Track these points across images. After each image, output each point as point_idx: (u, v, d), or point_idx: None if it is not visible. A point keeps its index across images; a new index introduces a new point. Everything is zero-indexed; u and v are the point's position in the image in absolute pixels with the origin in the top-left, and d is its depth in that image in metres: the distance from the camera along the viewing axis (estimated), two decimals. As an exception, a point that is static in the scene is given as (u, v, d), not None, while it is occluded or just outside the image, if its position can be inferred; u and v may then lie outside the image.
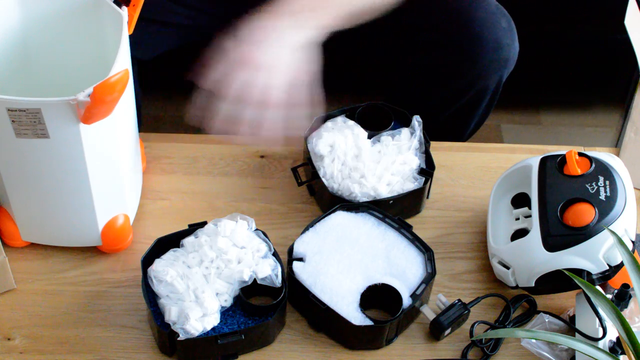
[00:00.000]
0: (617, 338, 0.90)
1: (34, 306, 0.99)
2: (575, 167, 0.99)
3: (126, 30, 0.93)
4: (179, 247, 0.98)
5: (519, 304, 1.00)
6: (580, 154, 1.00)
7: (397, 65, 1.33)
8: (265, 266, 0.94)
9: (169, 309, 0.91)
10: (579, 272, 0.93)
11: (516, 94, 1.56)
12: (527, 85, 1.76)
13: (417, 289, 0.96)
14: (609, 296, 0.93)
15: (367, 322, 0.93)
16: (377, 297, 0.96)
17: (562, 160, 1.01)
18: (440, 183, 1.14)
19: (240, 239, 0.96)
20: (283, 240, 1.03)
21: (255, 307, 0.93)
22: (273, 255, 0.97)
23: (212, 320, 0.91)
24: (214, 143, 1.18)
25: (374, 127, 1.12)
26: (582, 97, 1.95)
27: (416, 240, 1.00)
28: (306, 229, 1.01)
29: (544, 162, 1.02)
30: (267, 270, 0.94)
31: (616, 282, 0.96)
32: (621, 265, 0.94)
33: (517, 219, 1.04)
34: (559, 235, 0.94)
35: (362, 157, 1.08)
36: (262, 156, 1.17)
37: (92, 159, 0.92)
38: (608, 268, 0.93)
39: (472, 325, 0.95)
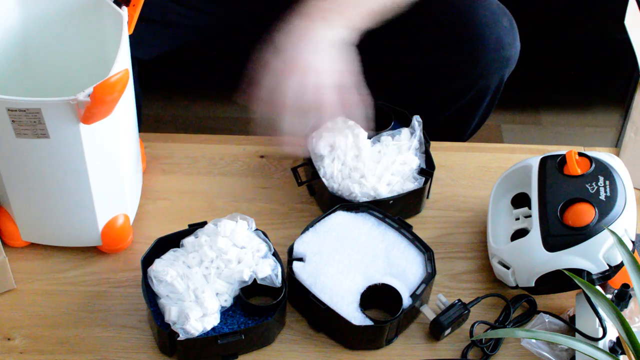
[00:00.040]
0: (617, 338, 0.90)
1: (34, 306, 0.99)
2: (575, 167, 0.98)
3: (126, 30, 0.93)
4: (179, 247, 0.98)
5: (519, 304, 1.00)
6: (580, 154, 1.00)
7: (397, 65, 1.33)
8: (265, 266, 0.94)
9: (169, 309, 0.91)
10: (579, 272, 0.93)
11: (516, 94, 1.56)
12: (528, 85, 1.75)
13: (417, 289, 0.96)
14: (609, 296, 0.93)
15: (367, 322, 0.93)
16: (377, 297, 0.96)
17: (562, 160, 1.01)
18: (440, 183, 1.14)
19: (240, 239, 0.96)
20: (283, 240, 1.03)
21: (255, 307, 0.93)
22: (273, 255, 0.97)
23: (212, 320, 0.91)
24: (214, 143, 1.18)
25: (374, 127, 1.12)
26: (582, 97, 1.95)
27: (416, 240, 1.00)
28: (306, 229, 1.01)
29: (544, 162, 1.02)
30: (267, 270, 0.94)
31: (616, 282, 0.96)
32: (621, 265, 0.94)
33: (517, 219, 1.04)
34: (559, 235, 0.94)
35: (362, 157, 1.08)
36: (262, 156, 1.17)
37: (92, 159, 0.92)
38: (608, 268, 0.93)
39: (472, 325, 0.95)
